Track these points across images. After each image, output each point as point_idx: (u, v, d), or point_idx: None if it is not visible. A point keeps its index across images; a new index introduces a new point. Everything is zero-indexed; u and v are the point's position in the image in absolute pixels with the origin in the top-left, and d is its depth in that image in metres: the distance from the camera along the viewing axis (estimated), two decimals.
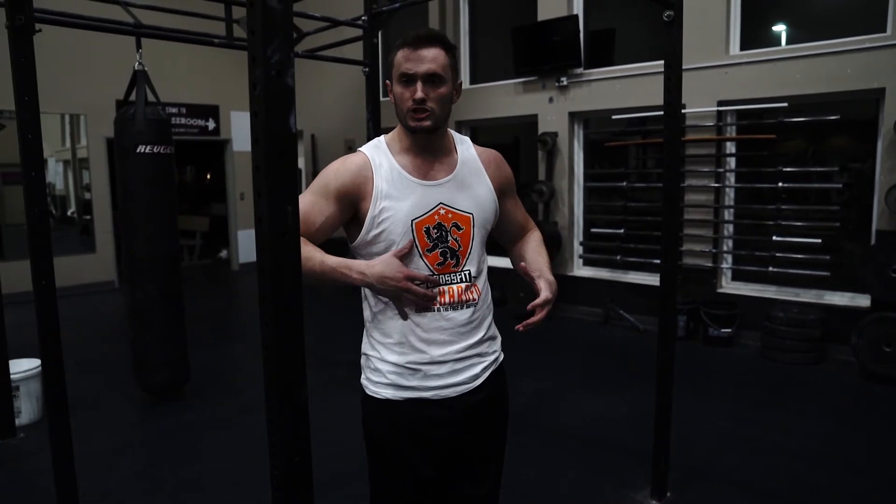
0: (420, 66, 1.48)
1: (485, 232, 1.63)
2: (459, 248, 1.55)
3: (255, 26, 1.08)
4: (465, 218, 1.57)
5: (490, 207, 1.62)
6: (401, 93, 1.50)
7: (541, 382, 4.46)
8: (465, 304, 1.56)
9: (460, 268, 1.56)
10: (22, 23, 2.30)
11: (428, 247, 1.52)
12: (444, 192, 1.55)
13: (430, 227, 1.52)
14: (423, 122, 1.49)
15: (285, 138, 1.13)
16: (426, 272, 1.52)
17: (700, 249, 5.41)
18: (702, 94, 5.25)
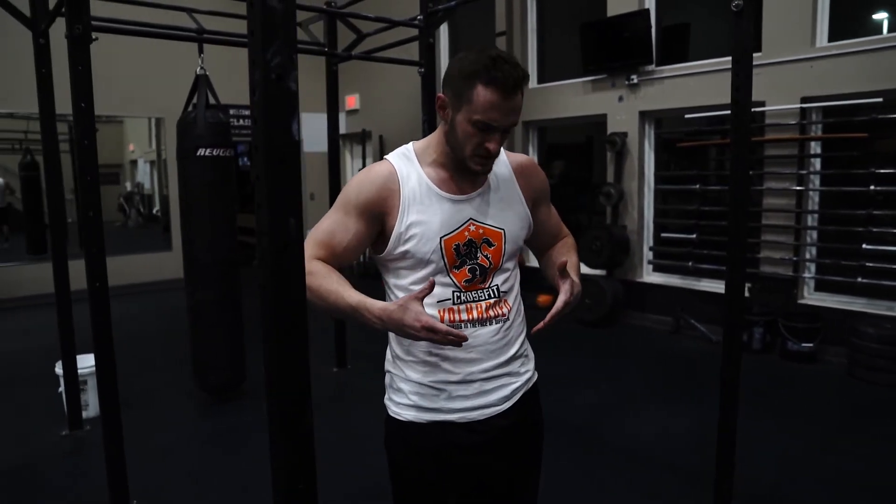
0: (507, 119, 1.33)
1: (516, 247, 1.51)
2: (490, 266, 1.45)
3: (255, 27, 1.01)
4: (497, 234, 1.46)
5: (522, 221, 1.51)
6: (471, 134, 1.34)
7: (599, 394, 4.27)
8: (492, 320, 1.46)
9: (488, 283, 1.46)
10: (80, 32, 2.35)
11: (456, 263, 1.42)
12: (475, 207, 1.44)
13: (461, 245, 1.42)
14: (485, 168, 1.40)
15: (287, 146, 1.05)
16: (452, 289, 1.43)
17: (780, 257, 5.05)
18: (783, 90, 4.90)
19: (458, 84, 1.33)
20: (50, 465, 3.33)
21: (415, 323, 1.26)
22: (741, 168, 2.32)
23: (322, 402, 4.23)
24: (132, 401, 4.12)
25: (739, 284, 2.59)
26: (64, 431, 3.66)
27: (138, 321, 6.70)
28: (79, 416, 3.68)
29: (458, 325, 1.43)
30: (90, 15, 2.35)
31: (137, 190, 14.01)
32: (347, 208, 1.42)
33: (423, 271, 1.41)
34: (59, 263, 3.58)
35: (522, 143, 7.01)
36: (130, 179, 14.02)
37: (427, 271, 1.41)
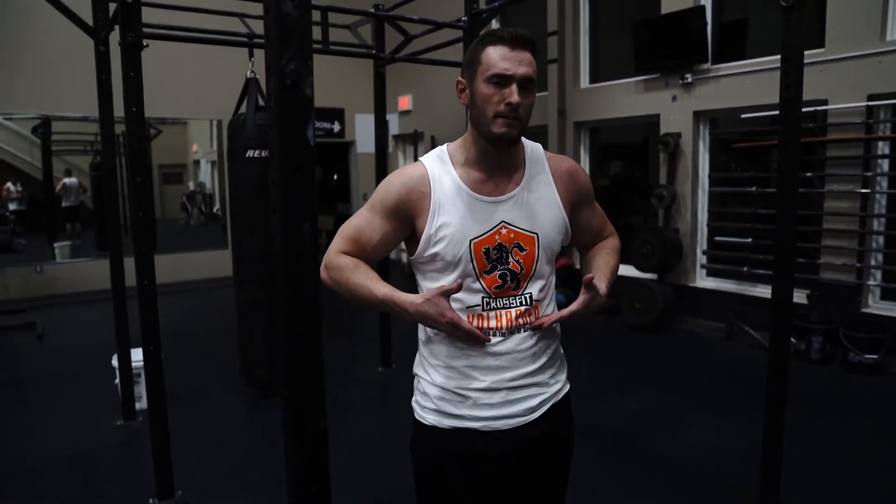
0: (519, 68, 1.34)
1: (551, 252, 1.47)
2: (521, 271, 1.42)
3: (270, 33, 1.03)
4: (530, 238, 1.42)
5: (558, 226, 1.46)
6: (490, 94, 1.34)
7: (645, 400, 4.16)
8: (522, 328, 1.43)
9: (520, 290, 1.42)
10: (132, 40, 2.44)
11: (486, 268, 1.40)
12: (508, 210, 1.41)
13: (490, 248, 1.39)
14: (512, 130, 1.36)
15: (302, 152, 1.06)
16: (482, 294, 1.41)
17: (842, 263, 4.81)
18: (848, 87, 4.66)
19: (469, 59, 1.40)
20: (103, 453, 3.48)
21: (439, 318, 1.32)
22: (791, 171, 2.22)
23: (367, 402, 4.29)
24: (184, 394, 4.27)
25: (787, 287, 2.47)
26: (119, 422, 3.82)
27: (196, 316, 6.94)
28: (132, 408, 3.83)
29: (485, 332, 1.40)
30: (142, 24, 2.44)
31: (199, 189, 14.51)
32: (376, 208, 1.43)
33: (452, 275, 1.40)
34: (116, 260, 3.72)
35: (574, 144, 6.91)
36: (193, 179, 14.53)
37: (456, 275, 1.39)
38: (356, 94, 9.62)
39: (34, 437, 3.74)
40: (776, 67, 4.95)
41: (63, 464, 3.36)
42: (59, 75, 7.15)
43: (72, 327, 6.40)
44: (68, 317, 6.87)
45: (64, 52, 6.80)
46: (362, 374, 4.79)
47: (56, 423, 3.92)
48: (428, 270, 1.44)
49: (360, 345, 5.42)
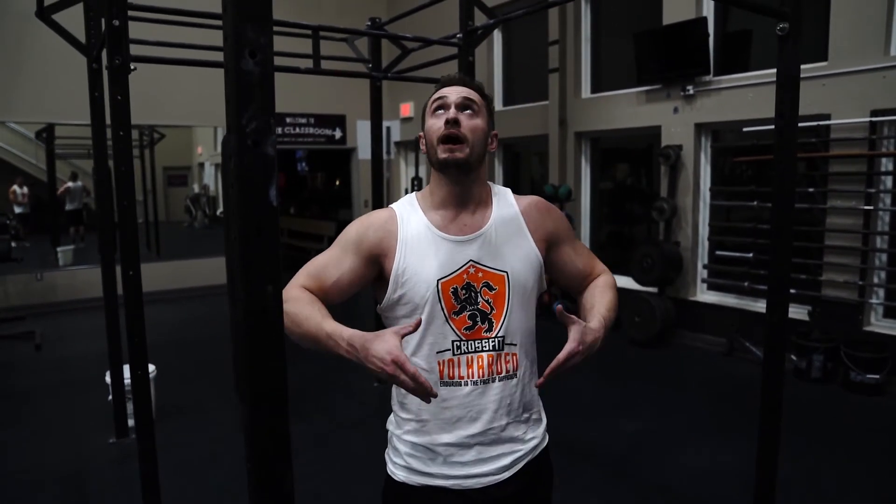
0: (454, 94, 1.39)
1: (526, 292, 1.42)
2: (492, 311, 1.38)
3: (230, 92, 0.99)
4: (499, 277, 1.39)
5: (530, 263, 1.43)
6: (431, 123, 1.39)
7: (643, 422, 4.11)
8: (495, 378, 1.38)
9: (493, 333, 1.38)
10: (119, 63, 2.42)
11: (455, 309, 1.36)
12: (475, 249, 1.39)
13: (459, 288, 1.37)
14: (455, 153, 1.35)
15: (265, 214, 1.02)
16: (452, 337, 1.37)
17: (844, 280, 4.75)
18: (851, 102, 4.60)
19: (422, 114, 1.46)
20: (94, 472, 3.46)
21: (385, 356, 1.14)
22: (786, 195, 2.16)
23: (362, 418, 4.26)
24: (180, 407, 4.26)
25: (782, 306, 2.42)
26: (111, 439, 3.80)
27: (197, 324, 6.93)
28: (125, 425, 3.81)
29: (456, 381, 1.37)
30: (129, 47, 2.41)
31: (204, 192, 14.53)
32: (344, 246, 1.41)
33: (424, 316, 1.36)
34: (108, 275, 3.70)
35: (575, 154, 6.87)
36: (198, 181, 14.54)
37: (426, 317, 1.36)
38: (357, 101, 9.57)
39: (27, 453, 3.71)
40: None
41: (53, 483, 3.34)
42: (61, 83, 7.15)
43: (71, 336, 6.40)
44: (68, 325, 6.87)
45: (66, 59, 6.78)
46: (357, 389, 4.76)
47: (50, 439, 3.89)
48: (397, 317, 1.41)
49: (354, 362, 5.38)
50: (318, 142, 9.54)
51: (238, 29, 0.98)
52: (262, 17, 1.00)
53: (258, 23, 1.00)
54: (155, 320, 6.56)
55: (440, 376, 1.37)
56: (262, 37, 1.00)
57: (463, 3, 3.37)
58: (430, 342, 1.36)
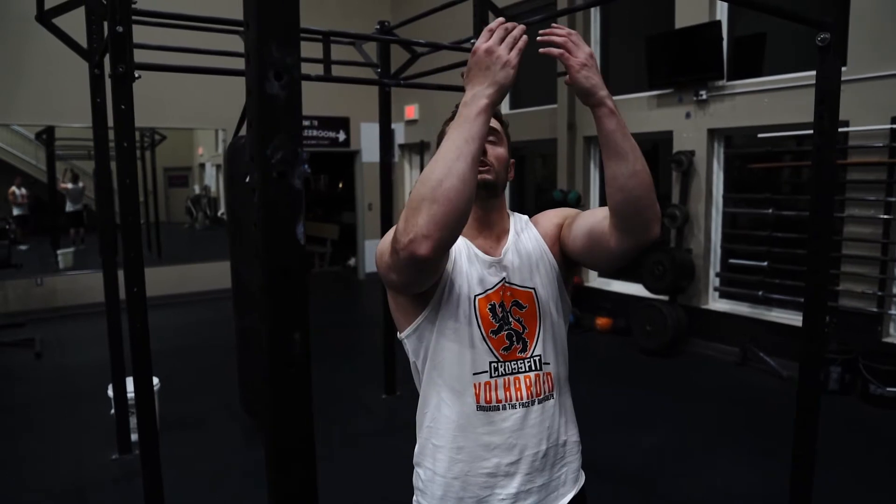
0: None
1: (556, 308, 1.36)
2: (524, 331, 1.31)
3: (253, 118, 0.89)
4: (527, 294, 1.33)
5: (552, 275, 1.37)
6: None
7: (660, 437, 4.00)
8: (535, 401, 1.31)
9: (528, 353, 1.31)
10: (123, 71, 2.31)
11: (493, 328, 1.29)
12: (505, 267, 1.33)
13: (496, 305, 1.30)
14: (484, 175, 1.30)
15: (292, 252, 0.93)
16: (489, 358, 1.29)
17: (861, 291, 4.64)
18: (871, 108, 4.50)
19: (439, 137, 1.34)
20: (96, 491, 3.35)
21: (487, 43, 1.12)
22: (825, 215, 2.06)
23: (371, 428, 4.16)
24: (183, 421, 4.16)
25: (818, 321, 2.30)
26: (114, 455, 3.69)
27: (200, 330, 6.82)
28: (128, 440, 3.70)
29: (494, 406, 1.29)
30: (133, 54, 2.31)
31: (205, 193, 14.42)
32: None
33: (457, 339, 1.29)
34: (110, 278, 3.56)
35: (584, 159, 6.76)
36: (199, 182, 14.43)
37: (462, 335, 1.29)
38: (362, 103, 9.48)
39: (26, 470, 3.61)
40: (795, 86, 4.86)
41: (53, 501, 3.24)
42: (62, 85, 7.04)
43: (71, 343, 6.29)
44: (69, 331, 6.76)
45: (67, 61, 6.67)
46: (367, 401, 4.65)
47: (50, 454, 3.79)
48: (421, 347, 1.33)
49: (362, 370, 5.27)
50: (321, 144, 9.44)
51: (262, 48, 0.88)
52: (288, 34, 0.90)
53: (284, 40, 0.90)
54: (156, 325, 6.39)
55: (476, 401, 1.29)
56: (288, 56, 0.90)
57: (477, 7, 3.26)
58: (466, 363, 1.29)
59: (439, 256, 1.06)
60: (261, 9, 0.87)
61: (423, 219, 1.02)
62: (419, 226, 1.02)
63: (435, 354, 1.31)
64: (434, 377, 1.32)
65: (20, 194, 11.88)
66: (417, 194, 1.04)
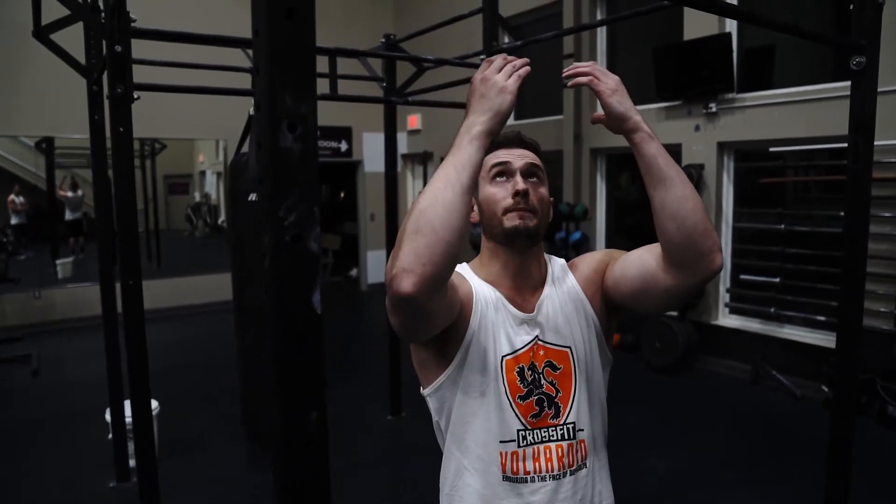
0: (520, 159, 1.23)
1: (592, 367, 1.24)
2: (558, 395, 1.20)
3: (265, 175, 0.79)
4: (562, 354, 1.21)
5: (590, 331, 1.26)
6: (495, 192, 1.22)
7: (672, 461, 3.89)
8: (566, 472, 1.20)
9: (561, 419, 1.20)
10: (121, 92, 2.22)
11: (521, 392, 1.18)
12: (538, 324, 1.22)
13: (525, 368, 1.19)
14: (527, 222, 1.19)
15: (308, 323, 0.82)
16: (517, 426, 1.18)
17: (879, 309, 4.54)
18: (886, 123, 4.35)
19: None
20: None
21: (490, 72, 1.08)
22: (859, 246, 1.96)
23: (376, 453, 4.05)
24: (183, 443, 4.05)
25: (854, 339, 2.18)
26: (111, 483, 3.57)
27: (199, 346, 6.71)
28: (126, 467, 3.58)
29: (522, 478, 1.18)
30: (132, 76, 2.21)
31: (205, 200, 14.33)
32: None
33: (481, 399, 1.18)
34: (107, 295, 3.45)
35: (590, 171, 6.67)
36: (199, 190, 14.34)
37: (488, 399, 1.18)
38: (364, 113, 9.38)
39: (21, 498, 3.50)
40: (807, 99, 4.76)
41: None
42: (61, 96, 6.95)
43: (70, 358, 6.17)
44: (68, 345, 6.65)
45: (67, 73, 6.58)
46: (371, 423, 4.53)
47: (45, 481, 3.67)
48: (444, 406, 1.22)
49: (366, 388, 5.15)
50: (323, 154, 9.35)
51: (274, 96, 0.77)
52: (303, 80, 0.79)
53: (299, 88, 0.79)
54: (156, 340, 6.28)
55: (503, 470, 1.18)
56: (303, 104, 0.79)
57: (487, 22, 3.17)
58: (493, 430, 1.18)
59: (426, 294, 0.94)
60: (273, 53, 0.76)
61: (405, 252, 0.93)
62: (401, 259, 0.93)
63: (458, 418, 1.20)
64: (457, 442, 1.21)
65: (19, 202, 11.79)
66: (403, 227, 0.96)
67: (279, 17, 0.76)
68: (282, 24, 0.76)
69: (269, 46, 0.76)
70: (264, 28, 0.76)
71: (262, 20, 0.76)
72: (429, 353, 1.20)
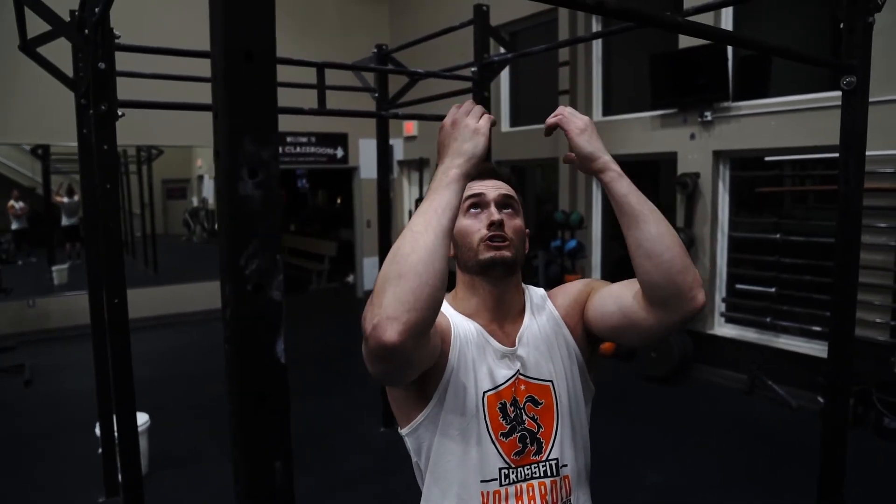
0: (493, 191, 1.22)
1: (577, 399, 1.23)
2: (540, 430, 1.17)
3: (224, 223, 0.76)
4: (544, 388, 1.19)
5: (573, 364, 1.23)
6: (468, 224, 1.20)
7: (668, 475, 3.86)
8: None
9: (544, 456, 1.17)
10: (105, 110, 2.19)
11: (504, 430, 1.15)
12: (519, 357, 1.19)
13: (507, 404, 1.16)
14: (502, 252, 1.17)
15: (271, 375, 0.80)
16: (499, 463, 1.15)
17: (873, 320, 4.52)
18: (883, 133, 4.36)
19: None
20: None
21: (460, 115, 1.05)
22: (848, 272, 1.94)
23: (368, 466, 4.01)
24: (175, 457, 4.02)
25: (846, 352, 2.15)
26: (101, 499, 3.54)
27: (193, 354, 6.64)
28: (115, 482, 3.54)
29: None
30: (116, 93, 2.19)
31: (202, 205, 14.31)
32: None
33: (461, 437, 1.15)
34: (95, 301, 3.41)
35: (585, 180, 6.65)
36: (197, 195, 14.31)
37: (468, 437, 1.15)
38: (360, 120, 9.36)
39: None
40: (802, 108, 4.74)
41: None
42: (54, 104, 6.92)
43: (64, 367, 6.13)
44: (62, 354, 6.60)
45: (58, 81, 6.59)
46: (363, 436, 4.50)
47: (34, 496, 3.63)
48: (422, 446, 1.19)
49: (359, 399, 5.10)
50: (319, 161, 9.32)
51: (233, 141, 0.75)
52: (265, 124, 0.77)
53: (260, 133, 0.77)
54: (150, 349, 6.29)
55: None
56: (264, 150, 0.77)
57: (478, 34, 3.14)
58: (473, 469, 1.15)
59: (411, 343, 0.91)
60: (232, 97, 0.74)
61: (388, 299, 0.89)
62: (384, 307, 0.89)
63: (438, 458, 1.17)
64: (437, 482, 1.18)
65: (19, 207, 11.77)
66: (383, 273, 0.92)
67: (238, 60, 0.74)
68: (240, 68, 0.74)
69: (228, 91, 0.74)
70: (221, 72, 0.73)
71: (220, 63, 0.74)
72: (406, 392, 1.17)
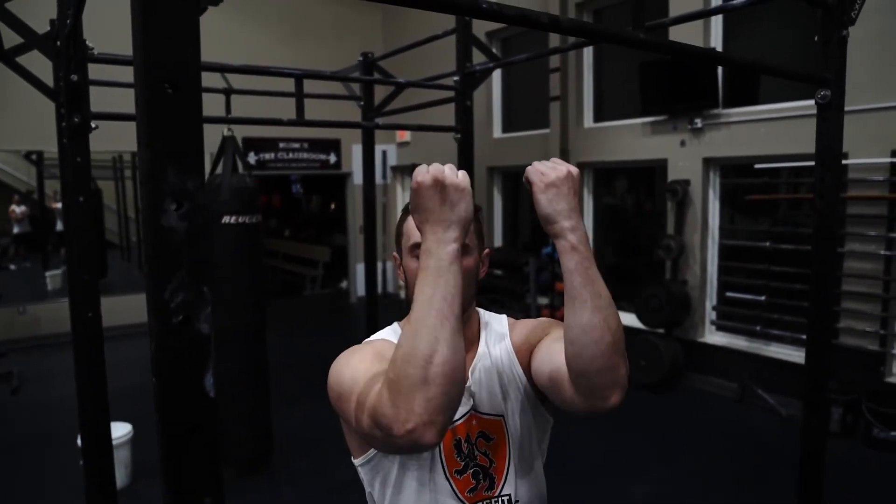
0: None
1: (530, 433, 1.20)
2: (492, 465, 1.16)
3: (148, 254, 0.74)
4: (495, 423, 1.17)
5: (526, 396, 1.19)
6: (414, 269, 1.12)
7: (654, 485, 3.83)
8: None
9: (496, 491, 1.16)
10: (79, 122, 2.17)
11: (458, 467, 1.14)
12: (473, 394, 1.17)
13: (462, 440, 1.15)
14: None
15: (199, 408, 0.78)
16: (452, 501, 1.13)
17: (863, 329, 4.50)
18: (871, 141, 4.37)
19: (396, 232, 1.22)
20: None
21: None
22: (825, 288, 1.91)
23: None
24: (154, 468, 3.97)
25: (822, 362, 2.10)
26: None
27: None
28: (97, 494, 3.51)
29: None
30: (90, 106, 2.17)
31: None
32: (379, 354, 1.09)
33: (416, 473, 1.14)
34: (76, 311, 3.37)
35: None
36: None
37: (422, 473, 1.14)
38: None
39: None
40: (792, 116, 4.72)
41: None
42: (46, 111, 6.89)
43: (53, 375, 6.09)
44: (51, 361, 6.56)
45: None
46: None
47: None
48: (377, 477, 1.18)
49: None
50: (312, 167, 9.30)
51: (156, 171, 0.73)
52: (188, 154, 0.75)
53: (184, 162, 0.75)
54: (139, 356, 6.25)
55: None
56: (189, 180, 0.75)
57: (460, 43, 3.13)
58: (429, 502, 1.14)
59: (443, 436, 0.92)
60: (154, 127, 0.72)
61: (419, 405, 0.85)
62: (417, 413, 0.85)
63: (393, 494, 1.16)
64: None
65: (20, 211, 11.76)
66: (404, 374, 0.87)
67: (160, 89, 0.72)
68: (164, 97, 0.72)
69: (150, 120, 0.72)
70: (144, 101, 0.72)
71: (143, 92, 0.72)
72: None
